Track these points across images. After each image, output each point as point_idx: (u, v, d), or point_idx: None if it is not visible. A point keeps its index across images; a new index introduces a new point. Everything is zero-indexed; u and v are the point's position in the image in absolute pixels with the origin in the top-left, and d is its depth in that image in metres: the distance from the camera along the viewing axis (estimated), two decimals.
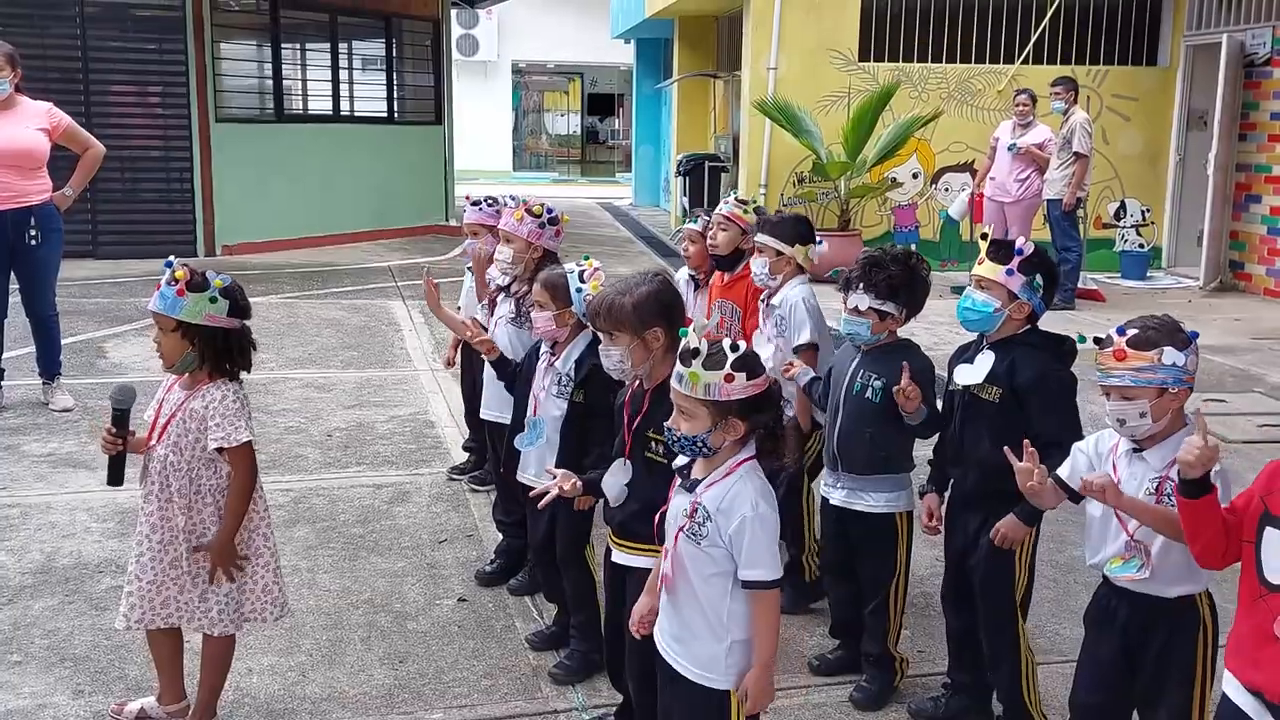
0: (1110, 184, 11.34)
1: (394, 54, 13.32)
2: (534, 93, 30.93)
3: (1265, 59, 10.03)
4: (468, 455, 5.17)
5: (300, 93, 12.56)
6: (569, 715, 3.18)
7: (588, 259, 3.31)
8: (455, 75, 15.15)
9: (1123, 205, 11.48)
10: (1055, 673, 3.30)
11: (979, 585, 3.01)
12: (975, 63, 11.16)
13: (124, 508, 4.61)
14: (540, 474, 3.33)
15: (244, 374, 2.95)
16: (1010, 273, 2.88)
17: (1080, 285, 9.64)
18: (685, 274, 4.49)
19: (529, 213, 3.80)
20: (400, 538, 4.42)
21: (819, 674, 3.41)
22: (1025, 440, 2.53)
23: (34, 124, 5.83)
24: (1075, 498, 2.57)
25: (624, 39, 19.13)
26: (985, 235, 3.05)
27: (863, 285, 3.10)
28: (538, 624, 3.69)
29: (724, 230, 4.17)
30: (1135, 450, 2.45)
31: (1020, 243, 2.94)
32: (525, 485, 3.47)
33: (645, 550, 2.68)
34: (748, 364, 2.25)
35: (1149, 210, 11.46)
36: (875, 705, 3.23)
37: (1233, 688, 2.11)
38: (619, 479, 2.67)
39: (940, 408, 3.13)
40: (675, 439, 2.30)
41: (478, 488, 4.93)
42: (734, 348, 2.25)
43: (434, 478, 5.13)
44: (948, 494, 3.15)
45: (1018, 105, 9.48)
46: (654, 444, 2.63)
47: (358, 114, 13.00)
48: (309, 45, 12.72)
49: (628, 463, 2.69)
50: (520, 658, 3.49)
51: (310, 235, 11.90)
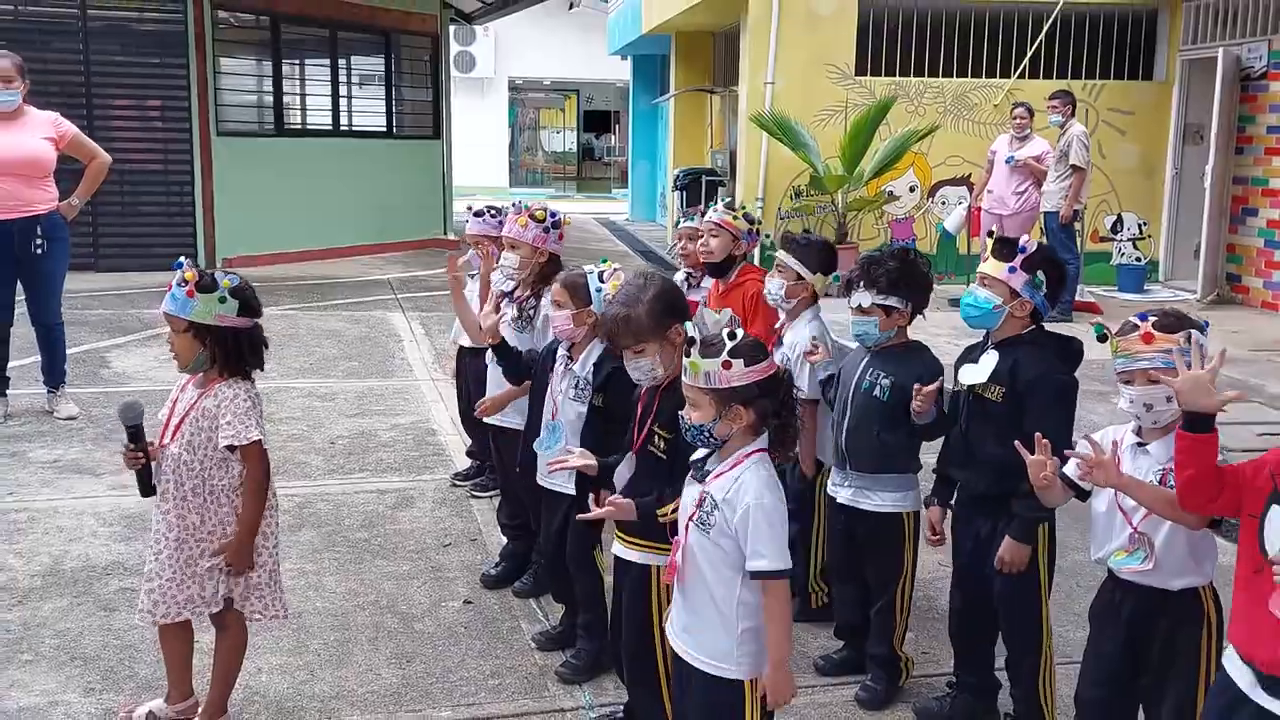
0: (1107, 197, 11.41)
1: (393, 69, 13.41)
2: (530, 109, 31.07)
3: (1261, 73, 10.11)
4: (471, 462, 5.20)
5: (300, 107, 12.63)
6: (576, 714, 3.19)
7: (606, 261, 3.34)
8: (453, 91, 15.24)
9: (1120, 219, 11.55)
10: (1060, 673, 3.32)
11: (1002, 589, 2.98)
12: (972, 77, 11.25)
13: (130, 512, 4.64)
14: (564, 479, 3.35)
15: (256, 372, 2.98)
16: (1013, 270, 2.91)
17: (1078, 298, 9.69)
18: (680, 276, 4.52)
19: (532, 218, 3.83)
20: (405, 542, 4.44)
21: (824, 674, 3.44)
22: (1038, 435, 2.55)
23: (40, 133, 5.87)
24: (1082, 495, 2.60)
25: (621, 55, 19.25)
26: (992, 233, 3.08)
27: (863, 283, 3.13)
28: (543, 625, 3.71)
29: (716, 237, 4.17)
30: (1139, 444, 2.48)
31: (1024, 241, 2.97)
32: (533, 488, 3.50)
33: (642, 546, 2.70)
34: (746, 351, 2.28)
35: (1146, 223, 11.54)
36: (880, 705, 3.26)
37: (1228, 657, 2.14)
38: (625, 472, 2.70)
39: (945, 410, 3.16)
40: (686, 428, 2.33)
41: (480, 494, 4.95)
42: (731, 336, 2.28)
43: (437, 484, 5.15)
44: (954, 499, 3.18)
45: (1015, 118, 9.56)
46: (659, 439, 2.66)
47: (357, 128, 13.07)
48: (309, 60, 12.79)
49: (633, 457, 2.72)
50: (527, 657, 3.51)
51: (310, 248, 11.94)
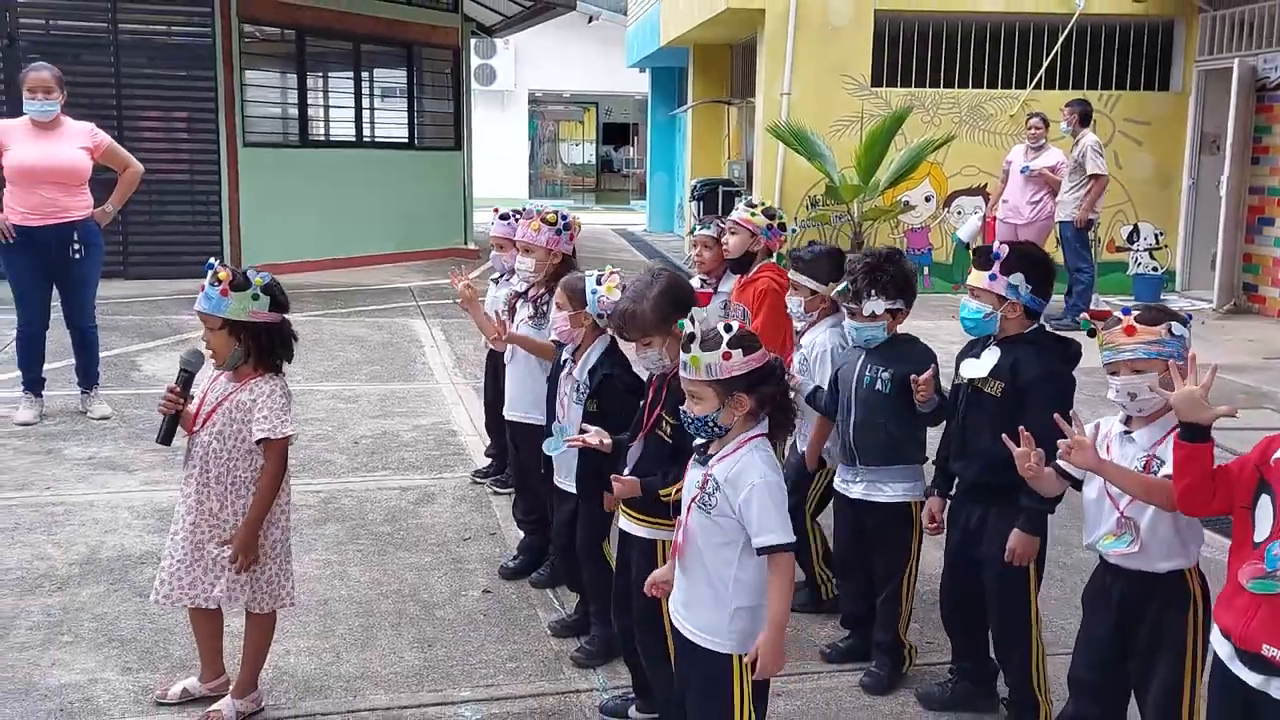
0: (1123, 208, 11.47)
1: (415, 81, 13.64)
2: (550, 122, 31.33)
3: (1277, 83, 10.17)
4: (490, 461, 5.34)
5: (324, 119, 12.87)
6: (590, 695, 3.32)
7: (608, 267, 3.47)
8: (473, 104, 15.45)
9: (1136, 229, 11.60)
10: (1058, 662, 3.40)
11: (992, 578, 3.09)
12: (987, 88, 11.36)
13: (163, 506, 4.80)
14: (569, 478, 3.49)
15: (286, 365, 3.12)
16: (993, 277, 3.02)
17: (1092, 307, 9.76)
18: (696, 282, 4.64)
19: (544, 221, 3.97)
20: (426, 535, 4.58)
21: (830, 661, 3.55)
22: (1021, 428, 2.66)
23: (77, 143, 6.07)
24: (1077, 484, 2.71)
25: (639, 68, 19.44)
26: (966, 245, 3.19)
27: (874, 291, 3.24)
28: (559, 613, 3.84)
29: (734, 234, 4.33)
30: (1125, 433, 2.60)
31: (996, 247, 3.07)
32: (551, 487, 3.64)
33: (647, 520, 2.85)
34: (743, 342, 2.41)
35: (1162, 234, 11.58)
36: (884, 690, 3.36)
37: (1215, 635, 2.25)
38: (634, 453, 2.85)
39: (944, 402, 3.27)
40: (690, 421, 2.46)
41: (500, 490, 5.09)
42: (728, 328, 2.41)
43: (457, 481, 5.29)
44: (952, 492, 3.28)
45: (1030, 129, 9.66)
46: (665, 424, 2.79)
47: (380, 140, 13.30)
48: (333, 73, 13.04)
49: (644, 440, 2.85)
50: (543, 643, 3.64)
51: (333, 257, 12.16)
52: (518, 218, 4.72)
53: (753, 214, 4.34)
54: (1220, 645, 2.21)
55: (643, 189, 22.87)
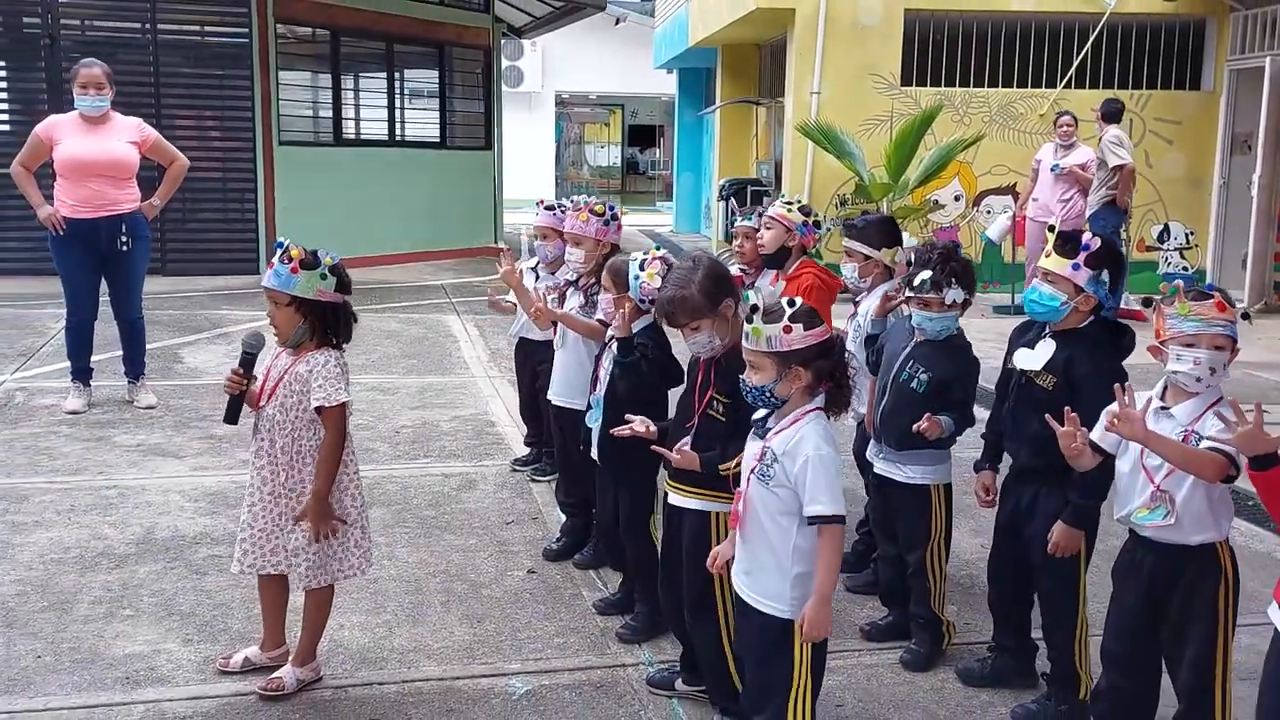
0: (1154, 207, 11.46)
1: (446, 81, 13.78)
2: (576, 124, 31.48)
3: None
4: (529, 449, 5.43)
5: (356, 118, 13.03)
6: (637, 669, 3.40)
7: (657, 247, 3.56)
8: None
9: (1166, 228, 11.58)
10: (1095, 643, 3.46)
11: (1042, 555, 3.10)
12: (1017, 87, 11.37)
13: (213, 490, 4.93)
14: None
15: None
16: (1076, 267, 2.98)
17: (1122, 305, 9.75)
18: (734, 271, 4.71)
19: (592, 213, 4.06)
20: (470, 519, 4.68)
21: (870, 639, 3.62)
22: (1067, 409, 2.71)
23: (126, 137, 6.23)
24: (1110, 457, 2.76)
25: (666, 69, 19.53)
26: (1053, 229, 3.14)
27: (955, 280, 3.29)
28: (602, 593, 3.92)
29: (769, 229, 4.39)
30: (1162, 407, 2.65)
31: (1087, 238, 3.04)
32: (590, 464, 3.73)
33: (695, 493, 2.93)
34: (804, 317, 2.49)
35: (1193, 233, 11.55)
36: (924, 667, 3.43)
37: (1271, 609, 2.31)
38: (689, 435, 2.93)
39: (995, 385, 3.33)
40: (747, 390, 2.55)
41: (539, 478, 5.18)
42: (791, 303, 2.49)
43: (498, 469, 5.39)
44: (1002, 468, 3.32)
45: (1061, 127, 9.68)
46: (717, 404, 2.88)
47: (412, 139, 13.45)
48: (366, 72, 13.20)
49: (698, 421, 2.93)
50: (589, 621, 3.73)
51: (366, 254, 12.27)
52: (563, 209, 4.83)
53: (788, 210, 4.40)
54: (1276, 616, 2.27)
55: (668, 190, 22.96)
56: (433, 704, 3.17)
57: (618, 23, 23.58)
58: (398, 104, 13.21)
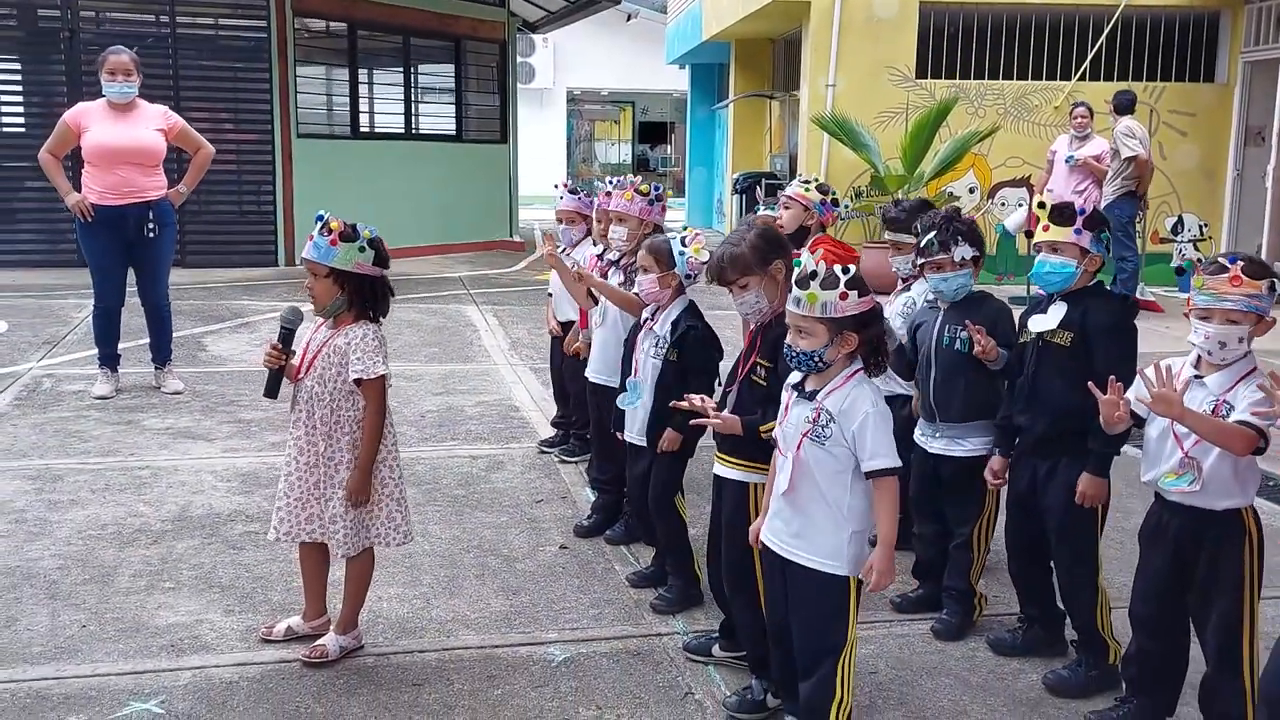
0: (1168, 199, 11.48)
1: (462, 75, 13.85)
2: (586, 121, 31.54)
3: None
4: (556, 431, 5.49)
5: (372, 110, 13.09)
6: (672, 638, 3.45)
7: (687, 227, 3.61)
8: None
9: (1180, 220, 11.60)
10: (1120, 615, 3.50)
11: (1058, 526, 3.19)
12: (1032, 79, 11.41)
13: (245, 471, 5.00)
14: (641, 433, 3.66)
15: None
16: (1079, 232, 3.10)
17: (1138, 295, 9.78)
18: None
19: (638, 192, 4.11)
20: (500, 498, 4.74)
21: (901, 611, 3.67)
22: (1111, 378, 2.75)
23: (153, 125, 6.30)
24: (1140, 422, 2.81)
25: (679, 64, 19.59)
26: (1043, 204, 3.22)
27: (960, 237, 3.37)
28: (635, 567, 3.97)
29: (787, 209, 4.43)
30: (1196, 377, 2.69)
31: (1080, 203, 3.18)
32: (625, 443, 3.79)
33: (736, 464, 2.98)
34: (858, 284, 2.54)
35: (1206, 225, 11.57)
36: (955, 636, 3.48)
37: None
38: (730, 400, 2.99)
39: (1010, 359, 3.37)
40: (794, 355, 2.59)
41: (568, 459, 5.23)
42: (845, 270, 2.54)
43: (525, 451, 5.45)
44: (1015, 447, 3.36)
45: (1076, 118, 9.70)
46: (760, 369, 2.92)
47: (428, 132, 13.51)
48: (383, 66, 13.27)
49: (739, 386, 2.98)
50: (623, 593, 3.78)
51: None
52: (587, 194, 4.89)
53: (806, 189, 4.44)
54: None
55: (679, 187, 22.99)
56: (473, 670, 3.22)
57: (629, 19, 23.65)
58: (414, 97, 13.28)
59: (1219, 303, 2.62)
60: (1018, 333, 3.33)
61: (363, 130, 12.75)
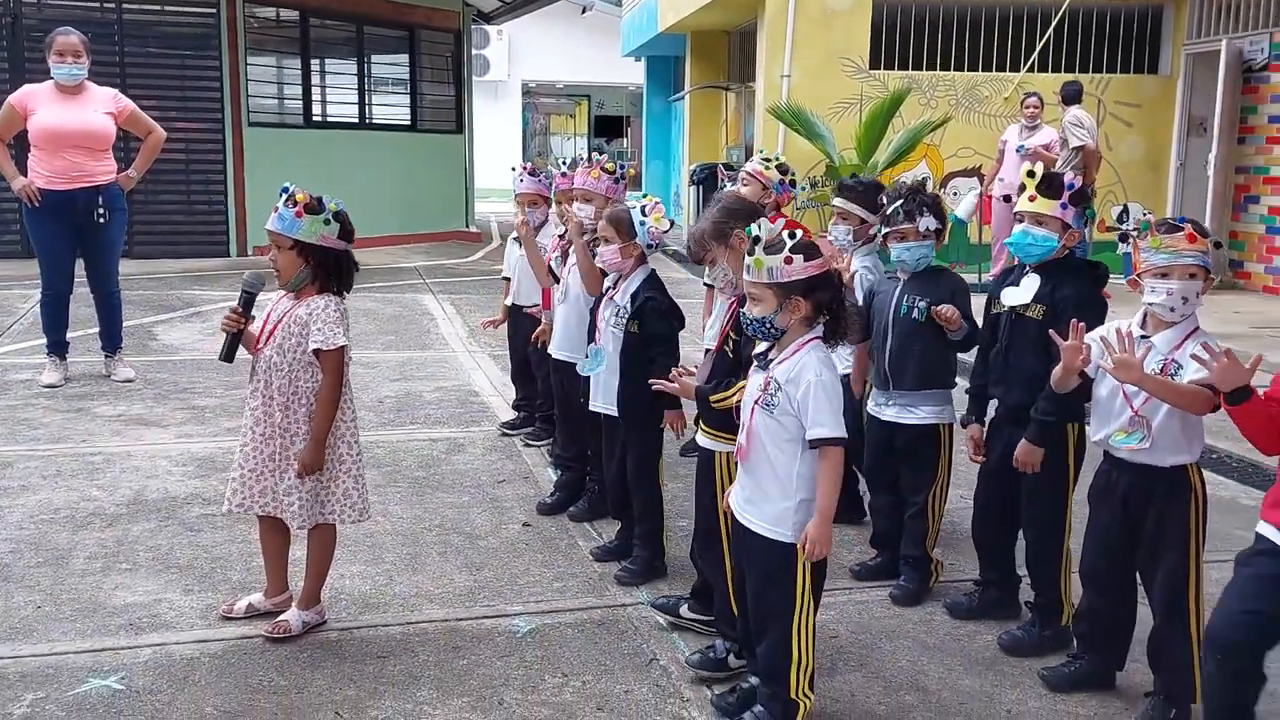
0: (1113, 188, 11.70)
1: (416, 64, 13.74)
2: (542, 115, 31.45)
3: (1263, 65, 10.41)
4: (517, 414, 5.48)
5: (324, 99, 12.93)
6: (636, 608, 3.48)
7: (647, 195, 3.64)
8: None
9: (1125, 209, 11.67)
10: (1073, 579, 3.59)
11: (1032, 492, 3.23)
12: (982, 71, 11.56)
13: (200, 456, 4.94)
14: (609, 403, 3.69)
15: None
16: (1065, 206, 3.14)
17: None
18: None
19: (604, 170, 4.12)
20: (461, 479, 4.73)
21: (860, 579, 3.73)
22: (1074, 320, 2.80)
23: (102, 108, 6.20)
24: (1088, 380, 2.87)
25: (634, 57, 19.58)
26: (1032, 174, 3.24)
27: (925, 209, 3.42)
28: (599, 542, 3.99)
29: (745, 185, 4.47)
30: (1143, 336, 2.77)
31: (1069, 177, 3.22)
32: (591, 415, 3.81)
33: (710, 433, 3.01)
34: (804, 248, 2.57)
35: (1151, 213, 11.75)
36: (913, 602, 3.55)
37: (1263, 528, 2.45)
38: (704, 368, 3.02)
39: (982, 329, 3.44)
40: (748, 322, 2.62)
41: (532, 443, 5.22)
42: (791, 235, 2.57)
43: (485, 434, 5.44)
44: (989, 417, 3.43)
45: (1027, 108, 9.88)
46: (730, 340, 2.96)
47: (381, 122, 13.39)
48: (336, 55, 13.13)
49: (714, 356, 3.02)
50: (586, 566, 3.80)
51: None
52: (547, 176, 4.90)
53: (765, 167, 4.48)
54: (1272, 536, 2.42)
55: (635, 181, 23.01)
56: (438, 643, 3.22)
57: (584, 11, 23.60)
58: (368, 86, 13.15)
59: (1179, 259, 2.70)
60: (990, 304, 3.37)
61: (315, 120, 12.61)
